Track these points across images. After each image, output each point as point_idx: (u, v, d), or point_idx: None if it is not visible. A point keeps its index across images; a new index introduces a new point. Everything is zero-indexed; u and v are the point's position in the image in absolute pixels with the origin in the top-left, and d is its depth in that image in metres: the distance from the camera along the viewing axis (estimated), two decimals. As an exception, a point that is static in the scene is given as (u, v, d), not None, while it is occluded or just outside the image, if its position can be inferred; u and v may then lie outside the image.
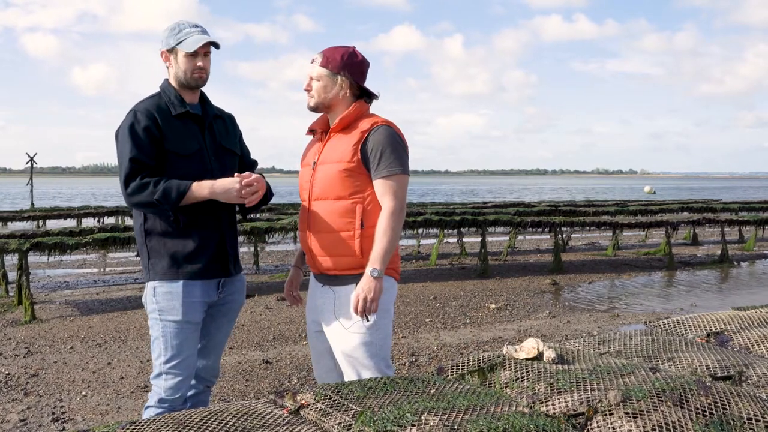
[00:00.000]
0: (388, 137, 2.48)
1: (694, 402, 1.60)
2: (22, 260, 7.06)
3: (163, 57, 2.62)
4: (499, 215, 10.84)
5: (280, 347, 5.55)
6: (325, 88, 2.53)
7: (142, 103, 2.58)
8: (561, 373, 1.85)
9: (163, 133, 2.52)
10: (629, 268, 10.37)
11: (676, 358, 2.10)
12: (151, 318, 2.57)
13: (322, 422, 1.62)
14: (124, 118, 2.56)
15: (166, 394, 2.54)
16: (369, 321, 2.47)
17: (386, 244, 2.43)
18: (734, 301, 7.59)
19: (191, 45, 2.55)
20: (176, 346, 2.53)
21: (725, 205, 16.08)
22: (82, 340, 5.82)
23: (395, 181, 2.47)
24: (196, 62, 2.57)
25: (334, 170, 2.48)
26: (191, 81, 2.59)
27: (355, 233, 2.46)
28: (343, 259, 2.49)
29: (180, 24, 2.58)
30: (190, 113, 2.61)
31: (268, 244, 14.05)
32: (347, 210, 2.47)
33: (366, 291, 2.41)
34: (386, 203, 2.46)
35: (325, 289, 2.58)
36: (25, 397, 4.29)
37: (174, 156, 2.53)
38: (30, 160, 22.43)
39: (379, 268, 2.41)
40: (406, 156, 2.54)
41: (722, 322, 2.55)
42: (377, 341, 2.51)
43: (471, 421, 1.52)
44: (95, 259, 12.22)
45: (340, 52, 2.54)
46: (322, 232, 2.52)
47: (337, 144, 2.52)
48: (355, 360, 2.50)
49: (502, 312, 7.08)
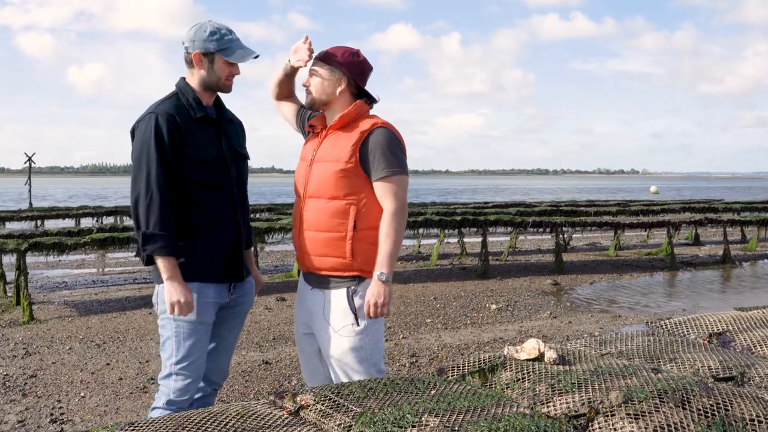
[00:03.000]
0: (387, 139, 2.47)
1: (696, 403, 1.60)
2: (21, 260, 7.05)
3: (193, 58, 2.55)
4: (499, 215, 10.83)
5: (279, 348, 5.54)
6: (322, 84, 2.51)
7: (161, 105, 2.53)
8: (562, 374, 1.84)
9: (183, 138, 2.49)
10: (631, 269, 10.36)
11: (678, 359, 2.09)
12: (163, 318, 2.54)
13: (322, 423, 1.61)
14: (143, 121, 2.50)
15: (175, 395, 2.51)
16: (360, 325, 2.45)
17: (391, 246, 2.42)
18: (736, 301, 7.57)
19: (239, 57, 2.55)
20: (189, 347, 2.51)
21: (727, 205, 16.07)
22: (80, 341, 5.81)
23: (395, 182, 2.45)
24: (232, 70, 2.57)
25: (331, 169, 2.45)
26: (224, 87, 2.60)
27: (347, 234, 2.43)
28: (332, 260, 2.46)
29: (219, 28, 2.54)
30: (208, 117, 2.59)
31: (268, 244, 14.06)
32: (341, 210, 2.44)
33: (376, 296, 2.40)
34: (387, 204, 2.44)
35: (315, 291, 2.55)
36: (24, 398, 4.28)
37: (193, 162, 2.50)
38: (28, 160, 22.44)
39: (386, 272, 2.40)
40: (405, 157, 2.53)
41: (724, 323, 2.54)
42: (368, 345, 2.48)
43: (472, 422, 1.52)
44: (94, 259, 12.22)
45: (341, 50, 2.53)
46: (314, 230, 2.49)
47: (335, 142, 2.50)
48: (345, 364, 2.47)
49: (503, 312, 7.07)
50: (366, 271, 2.45)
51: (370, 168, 2.45)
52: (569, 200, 20.16)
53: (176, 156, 2.47)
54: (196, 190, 2.51)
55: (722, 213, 14.49)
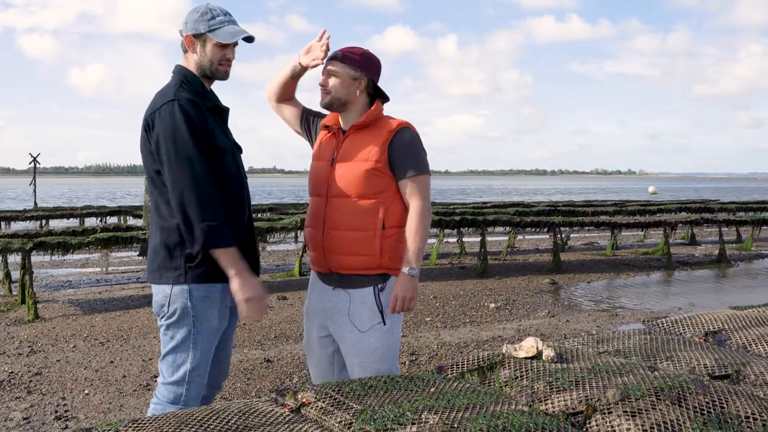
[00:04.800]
0: (414, 139, 2.50)
1: (692, 400, 1.62)
2: (26, 259, 7.08)
3: (186, 42, 2.39)
4: (498, 215, 10.85)
5: (281, 346, 5.57)
6: (343, 85, 2.50)
7: (179, 92, 2.32)
8: (560, 371, 1.86)
9: (210, 128, 2.32)
10: (628, 268, 10.38)
11: (674, 357, 2.11)
12: (178, 323, 2.34)
13: (323, 420, 1.63)
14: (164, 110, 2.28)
15: (192, 402, 2.36)
16: (386, 324, 2.46)
17: (419, 242, 2.45)
18: (732, 300, 7.59)
19: (227, 36, 2.37)
20: (204, 353, 2.38)
21: (723, 206, 16.08)
22: (84, 339, 5.83)
23: (422, 181, 2.48)
24: (225, 53, 2.40)
25: (360, 169, 2.44)
26: (216, 73, 2.42)
27: (377, 233, 2.43)
28: (361, 259, 2.44)
29: (212, 9, 2.38)
30: (217, 106, 2.44)
31: (270, 244, 14.08)
32: (370, 209, 2.44)
33: (405, 290, 2.42)
34: (415, 203, 2.46)
35: (338, 291, 2.52)
36: (29, 396, 4.31)
37: (220, 153, 2.34)
38: (33, 161, 22.41)
39: (416, 267, 2.44)
40: (427, 157, 2.56)
41: (720, 322, 2.57)
42: (391, 344, 2.50)
43: (471, 420, 1.53)
44: (98, 258, 12.23)
45: (358, 51, 2.54)
46: (342, 230, 2.46)
47: (359, 142, 2.48)
48: (369, 364, 2.46)
49: (501, 311, 7.10)
50: (392, 268, 2.47)
51: (395, 167, 2.46)
52: (567, 201, 20.18)
53: (209, 146, 2.30)
54: (225, 183, 2.36)
55: (718, 213, 14.50)
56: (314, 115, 2.75)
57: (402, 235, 2.47)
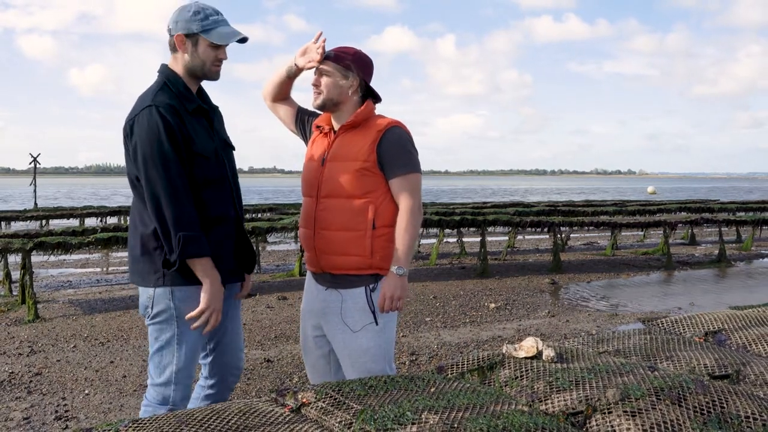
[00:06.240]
0: (403, 137, 2.49)
1: (692, 400, 1.62)
2: (26, 259, 7.08)
3: (176, 41, 2.35)
4: (498, 215, 10.85)
5: (281, 346, 5.57)
6: (335, 85, 2.50)
7: (157, 97, 2.29)
8: (560, 371, 1.86)
9: (188, 134, 2.30)
10: (627, 268, 10.38)
11: (674, 357, 2.12)
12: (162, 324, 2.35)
13: (323, 420, 1.63)
14: (142, 115, 2.26)
15: (181, 403, 2.37)
16: (378, 324, 2.46)
17: (408, 241, 2.44)
18: (732, 300, 7.60)
19: (221, 37, 2.35)
20: (190, 353, 2.38)
21: (723, 206, 16.09)
22: (84, 339, 5.84)
23: (411, 180, 2.47)
24: (217, 54, 2.38)
25: (349, 168, 2.44)
26: (209, 73, 2.40)
27: (367, 233, 2.43)
28: (352, 259, 2.45)
29: (204, 8, 2.35)
30: (201, 107, 2.41)
31: (270, 244, 14.08)
32: (360, 209, 2.43)
33: (393, 289, 2.41)
34: (404, 201, 2.45)
35: (330, 291, 2.53)
36: (29, 396, 4.31)
37: (200, 159, 2.33)
38: (33, 161, 22.42)
39: (405, 266, 2.43)
40: (418, 156, 2.55)
41: (720, 321, 2.57)
42: (384, 344, 2.50)
43: (471, 420, 1.54)
44: (98, 258, 12.24)
45: (351, 50, 2.54)
46: (332, 230, 2.46)
47: (349, 142, 2.48)
48: (362, 364, 2.47)
49: (501, 311, 7.10)
50: (384, 268, 2.46)
51: (385, 166, 2.45)
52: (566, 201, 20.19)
53: (187, 152, 2.29)
54: (205, 188, 2.35)
55: (718, 213, 14.51)
56: (309, 114, 2.75)
57: (393, 235, 2.46)
